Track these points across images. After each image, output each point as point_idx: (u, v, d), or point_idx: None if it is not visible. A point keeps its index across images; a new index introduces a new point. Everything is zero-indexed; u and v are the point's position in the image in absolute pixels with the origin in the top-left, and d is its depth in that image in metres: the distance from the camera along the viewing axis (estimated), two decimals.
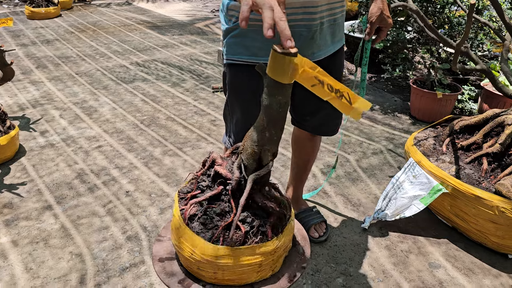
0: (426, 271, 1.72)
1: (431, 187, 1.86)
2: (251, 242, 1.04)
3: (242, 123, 1.46)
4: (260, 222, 1.06)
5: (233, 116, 1.49)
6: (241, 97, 1.44)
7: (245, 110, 1.44)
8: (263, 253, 1.02)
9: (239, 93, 1.44)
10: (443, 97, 2.82)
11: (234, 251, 1.02)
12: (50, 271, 1.68)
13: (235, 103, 1.46)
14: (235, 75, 1.41)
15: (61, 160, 2.48)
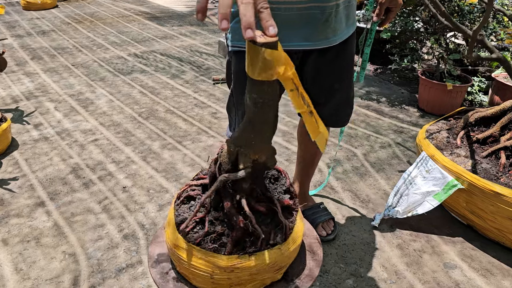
0: (441, 271, 1.62)
1: (446, 182, 1.76)
2: (206, 246, 0.96)
3: None
4: (226, 231, 0.97)
5: (238, 108, 1.38)
6: None
7: None
8: (215, 265, 0.93)
9: (245, 83, 1.32)
10: (453, 89, 2.71)
11: (190, 248, 0.94)
12: (42, 272, 1.58)
13: (240, 95, 1.35)
14: (240, 63, 1.30)
15: (55, 154, 2.37)
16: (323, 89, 1.44)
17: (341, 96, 1.48)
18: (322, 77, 1.41)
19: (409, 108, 3.00)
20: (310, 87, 1.46)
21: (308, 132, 0.66)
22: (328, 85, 1.43)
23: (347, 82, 1.47)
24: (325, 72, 1.40)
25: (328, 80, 1.42)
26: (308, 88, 1.46)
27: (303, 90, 0.69)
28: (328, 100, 1.47)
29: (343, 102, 1.51)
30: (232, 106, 1.42)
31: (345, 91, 1.48)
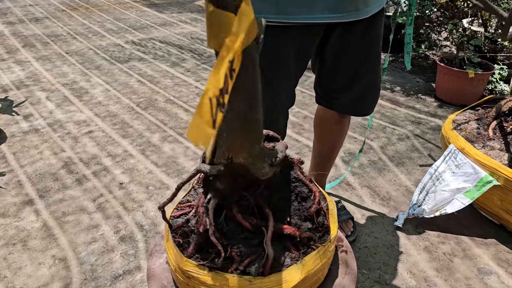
0: (475, 278, 1.45)
1: (479, 178, 1.58)
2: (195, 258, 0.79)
3: (264, 105, 1.17)
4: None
5: None
6: (265, 64, 1.14)
7: (270, 87, 1.15)
8: (204, 284, 0.75)
9: (261, 57, 1.14)
10: (475, 77, 2.52)
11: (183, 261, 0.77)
12: (28, 280, 1.41)
13: None
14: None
15: (46, 147, 2.19)
16: (348, 72, 1.26)
17: (368, 79, 1.29)
18: (347, 57, 1.22)
19: (426, 97, 2.81)
20: (331, 70, 1.27)
21: (193, 118, 0.44)
22: (353, 67, 1.24)
23: (375, 63, 1.28)
24: (351, 51, 1.21)
25: (354, 61, 1.23)
26: (329, 72, 1.28)
27: (230, 79, 0.47)
28: (353, 84, 1.28)
29: (369, 86, 1.32)
30: None
31: (372, 73, 1.29)
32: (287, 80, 1.18)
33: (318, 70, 1.31)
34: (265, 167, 0.77)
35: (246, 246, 0.78)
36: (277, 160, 0.80)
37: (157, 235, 1.60)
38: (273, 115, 1.20)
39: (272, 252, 0.75)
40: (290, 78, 1.19)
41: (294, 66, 1.17)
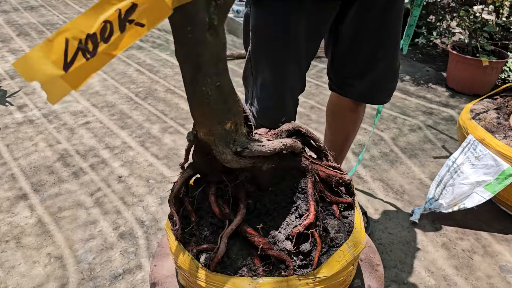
0: (497, 277, 1.36)
1: (500, 171, 1.48)
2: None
3: (271, 86, 1.07)
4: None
5: (258, 76, 1.09)
6: (271, 49, 1.04)
7: (276, 67, 1.05)
8: None
9: (268, 43, 1.03)
10: (489, 65, 2.41)
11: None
12: (22, 280, 1.31)
13: (261, 58, 1.06)
14: (262, 17, 1.01)
15: (41, 139, 2.08)
16: (364, 56, 1.15)
17: (385, 64, 1.19)
18: (364, 39, 1.12)
19: (437, 87, 2.71)
20: (346, 53, 1.16)
21: (31, 49, 0.38)
22: (370, 50, 1.14)
23: (393, 47, 1.18)
24: (368, 32, 1.11)
25: (371, 43, 1.13)
26: (343, 54, 1.17)
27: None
28: (369, 69, 1.18)
29: (386, 72, 1.22)
30: (250, 74, 1.13)
31: (390, 58, 1.19)
32: (297, 61, 1.07)
33: (332, 53, 1.21)
34: (226, 153, 0.68)
35: (210, 231, 0.71)
36: (244, 151, 0.69)
37: (159, 231, 1.51)
38: (281, 99, 1.10)
39: (224, 249, 0.67)
40: (300, 59, 1.08)
41: (305, 46, 1.06)
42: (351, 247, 0.71)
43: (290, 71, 1.08)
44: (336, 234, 0.73)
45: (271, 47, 1.04)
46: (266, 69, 1.07)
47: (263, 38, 1.04)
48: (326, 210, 0.79)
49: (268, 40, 1.03)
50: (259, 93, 1.11)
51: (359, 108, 1.36)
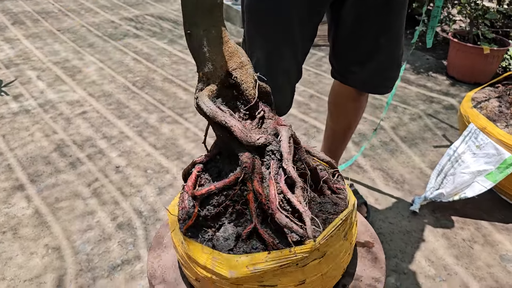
0: (498, 266, 1.36)
1: (502, 159, 1.47)
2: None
3: (264, 67, 1.04)
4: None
5: (252, 57, 1.07)
6: (265, 29, 1.01)
7: (270, 47, 1.02)
8: None
9: (262, 22, 1.01)
10: (490, 53, 2.39)
11: None
12: (19, 271, 1.30)
13: (255, 38, 1.04)
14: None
15: (37, 129, 2.06)
16: (366, 42, 1.12)
17: (388, 52, 1.16)
18: (365, 24, 1.09)
19: (437, 75, 2.68)
20: (348, 38, 1.14)
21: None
22: (372, 36, 1.11)
23: (397, 34, 1.15)
24: (369, 17, 1.08)
25: (373, 29, 1.10)
26: (344, 40, 1.15)
27: None
28: (372, 56, 1.15)
29: (389, 60, 1.19)
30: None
31: (393, 45, 1.16)
32: (291, 43, 1.04)
33: (333, 38, 1.18)
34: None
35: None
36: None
37: (157, 222, 1.50)
38: (275, 81, 1.08)
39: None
40: (295, 41, 1.05)
41: (299, 28, 1.03)
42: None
43: (284, 53, 1.05)
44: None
45: (264, 27, 1.01)
46: (259, 49, 1.04)
47: (255, 17, 1.01)
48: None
49: (260, 19, 1.01)
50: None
51: (362, 98, 1.33)
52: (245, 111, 0.76)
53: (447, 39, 2.98)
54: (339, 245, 0.69)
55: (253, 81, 0.75)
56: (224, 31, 0.71)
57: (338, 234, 0.68)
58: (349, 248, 0.75)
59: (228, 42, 0.72)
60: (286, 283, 0.65)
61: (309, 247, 0.63)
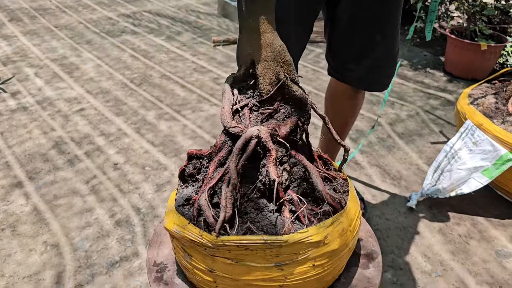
0: (493, 261, 1.37)
1: (498, 156, 1.48)
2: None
3: None
4: None
5: None
6: None
7: None
8: None
9: None
10: (487, 49, 2.39)
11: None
12: (18, 268, 1.31)
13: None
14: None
15: (35, 126, 2.06)
16: (361, 39, 1.13)
17: (384, 49, 1.17)
18: (360, 21, 1.09)
19: (435, 72, 2.69)
20: (343, 36, 1.14)
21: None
22: (368, 33, 1.11)
23: (392, 32, 1.15)
24: (364, 15, 1.08)
25: (368, 28, 1.10)
26: (340, 38, 1.15)
27: None
28: (367, 53, 1.16)
29: (385, 57, 1.20)
30: None
31: (389, 42, 1.17)
32: (285, 37, 1.04)
33: (329, 36, 1.18)
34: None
35: None
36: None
37: (155, 219, 1.51)
38: None
39: None
40: (289, 33, 1.05)
41: (294, 22, 1.03)
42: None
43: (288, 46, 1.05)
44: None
45: None
46: None
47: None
48: None
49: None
50: None
51: (358, 95, 1.34)
52: (259, 103, 0.78)
53: (445, 35, 2.99)
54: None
55: (274, 78, 0.76)
56: (264, 23, 0.75)
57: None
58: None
59: (266, 33, 0.74)
60: (197, 261, 0.69)
61: (210, 238, 0.65)
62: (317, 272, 0.68)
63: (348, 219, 0.71)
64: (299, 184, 0.73)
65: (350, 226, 0.72)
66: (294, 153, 0.75)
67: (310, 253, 0.65)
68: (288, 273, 0.65)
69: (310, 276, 0.67)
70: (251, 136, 0.70)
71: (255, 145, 0.70)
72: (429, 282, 1.29)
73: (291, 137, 0.76)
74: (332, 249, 0.67)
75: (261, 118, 0.76)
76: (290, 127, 0.76)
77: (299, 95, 0.78)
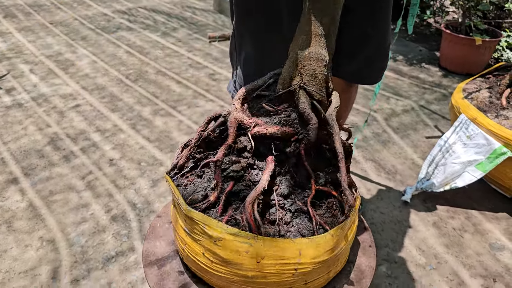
0: (487, 254, 1.38)
1: (492, 150, 1.49)
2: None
3: (253, 62, 1.05)
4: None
5: (241, 52, 1.07)
6: (253, 22, 1.01)
7: (259, 41, 1.03)
8: None
9: (250, 15, 1.01)
10: (482, 44, 2.40)
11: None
12: (14, 263, 1.31)
13: (244, 32, 1.04)
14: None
15: (31, 122, 2.05)
16: (354, 33, 1.13)
17: (376, 43, 1.17)
18: (352, 16, 1.09)
19: (430, 67, 2.70)
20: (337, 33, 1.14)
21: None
22: (360, 28, 1.12)
23: (384, 25, 1.16)
24: (357, 9, 1.08)
25: (360, 22, 1.11)
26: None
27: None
28: (360, 48, 1.16)
29: (377, 51, 1.20)
30: (234, 50, 1.10)
31: (380, 36, 1.17)
32: (281, 36, 1.04)
33: None
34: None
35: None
36: None
37: (151, 214, 1.51)
38: None
39: None
40: (285, 33, 1.05)
41: (288, 20, 1.03)
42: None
43: (274, 46, 1.05)
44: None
45: (253, 20, 1.01)
46: (249, 43, 1.05)
47: (245, 9, 1.01)
48: None
49: (250, 11, 1.01)
50: (242, 67, 1.09)
51: (351, 89, 1.34)
52: (273, 99, 0.76)
53: (440, 30, 2.99)
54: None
55: (288, 81, 0.72)
56: (314, 23, 0.73)
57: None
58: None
59: (303, 36, 0.72)
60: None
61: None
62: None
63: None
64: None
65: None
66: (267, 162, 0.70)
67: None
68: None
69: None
70: (220, 114, 0.70)
71: (219, 123, 0.70)
72: (424, 275, 1.30)
73: (280, 147, 0.71)
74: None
75: (262, 111, 0.75)
76: (273, 132, 0.70)
77: (301, 110, 0.71)
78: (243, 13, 1.02)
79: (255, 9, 0.99)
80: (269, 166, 0.66)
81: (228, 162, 0.66)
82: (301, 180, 0.70)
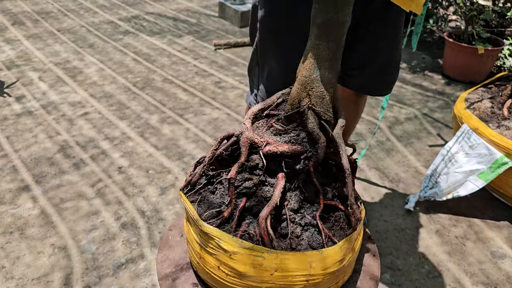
0: (489, 262, 1.41)
1: (493, 159, 1.52)
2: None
3: (277, 76, 1.09)
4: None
5: (264, 67, 1.11)
6: (281, 40, 1.05)
7: (285, 57, 1.07)
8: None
9: (277, 34, 1.05)
10: (485, 53, 2.43)
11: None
12: (27, 270, 1.35)
13: (269, 49, 1.08)
14: (272, 8, 1.02)
15: (41, 130, 2.10)
16: (365, 46, 1.17)
17: (386, 57, 1.21)
18: (365, 29, 1.13)
19: (433, 75, 2.73)
20: (346, 45, 1.17)
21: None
22: (372, 40, 1.15)
23: (395, 39, 1.19)
24: (369, 22, 1.12)
25: (372, 35, 1.14)
26: (344, 46, 1.19)
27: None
28: (371, 60, 1.19)
29: (388, 64, 1.23)
30: (255, 65, 1.15)
31: (391, 51, 1.21)
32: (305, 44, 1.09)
33: None
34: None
35: None
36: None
37: (159, 221, 1.55)
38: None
39: None
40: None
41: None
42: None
43: (298, 60, 1.09)
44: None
45: (281, 38, 1.05)
46: (273, 59, 1.09)
47: (272, 28, 1.06)
48: None
49: (277, 31, 1.05)
50: (265, 82, 1.14)
51: (360, 100, 1.38)
52: (282, 118, 0.80)
53: (443, 38, 3.02)
54: None
55: (296, 102, 0.75)
56: (321, 48, 0.78)
57: None
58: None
59: (311, 58, 0.77)
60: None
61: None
62: None
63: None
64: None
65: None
66: (279, 177, 0.74)
67: None
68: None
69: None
70: (233, 134, 0.74)
71: (232, 143, 0.73)
72: (427, 283, 1.33)
73: (290, 164, 0.75)
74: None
75: (272, 130, 0.79)
76: (284, 150, 0.74)
77: (310, 129, 0.74)
78: (269, 29, 1.06)
79: (281, 25, 1.03)
80: (280, 182, 0.70)
81: (241, 180, 0.70)
82: (310, 195, 0.73)
